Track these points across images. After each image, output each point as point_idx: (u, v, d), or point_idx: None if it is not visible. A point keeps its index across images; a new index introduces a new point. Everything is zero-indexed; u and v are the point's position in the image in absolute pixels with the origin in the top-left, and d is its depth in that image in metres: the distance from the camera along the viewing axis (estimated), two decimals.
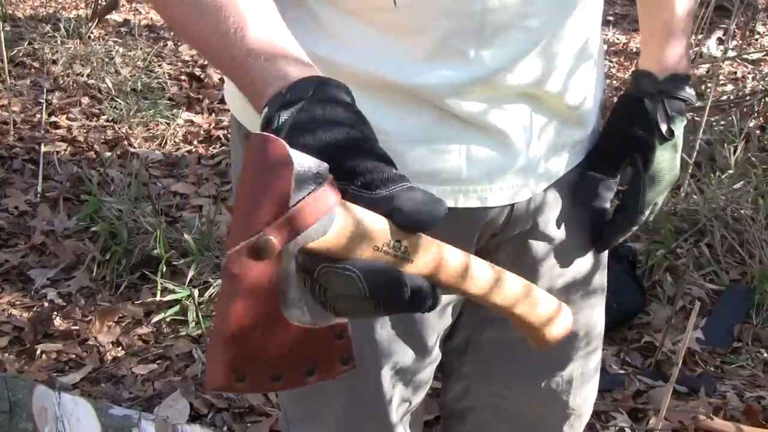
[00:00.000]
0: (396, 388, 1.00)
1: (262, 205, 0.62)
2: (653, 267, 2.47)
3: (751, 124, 3.19)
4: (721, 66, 3.74)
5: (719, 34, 4.20)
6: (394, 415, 1.01)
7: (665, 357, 2.19)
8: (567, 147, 0.98)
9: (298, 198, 0.62)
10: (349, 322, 0.67)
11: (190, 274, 2.38)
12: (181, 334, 2.25)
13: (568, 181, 1.00)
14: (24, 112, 3.33)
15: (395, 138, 0.86)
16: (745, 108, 3.35)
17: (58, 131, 3.23)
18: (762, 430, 1.93)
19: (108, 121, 3.32)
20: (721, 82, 3.75)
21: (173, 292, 2.34)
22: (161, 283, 2.36)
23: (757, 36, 4.29)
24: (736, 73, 3.89)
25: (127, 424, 1.68)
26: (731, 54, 3.94)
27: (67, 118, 3.32)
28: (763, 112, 3.35)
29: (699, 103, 3.40)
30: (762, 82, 3.64)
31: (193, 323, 2.27)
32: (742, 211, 2.60)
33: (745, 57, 3.94)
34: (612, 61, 3.99)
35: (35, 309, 2.33)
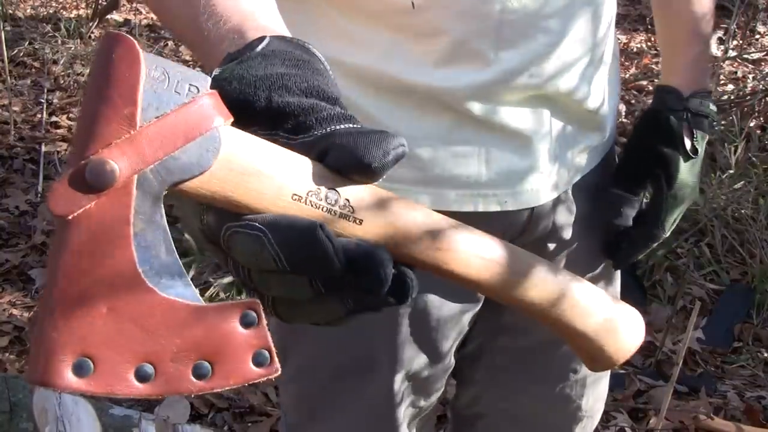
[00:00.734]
0: (407, 395, 1.00)
1: (100, 120, 0.46)
2: (654, 267, 2.47)
3: (751, 124, 3.19)
4: (721, 66, 3.74)
5: (720, 33, 4.20)
6: (404, 422, 1.01)
7: (666, 357, 2.19)
8: (585, 150, 0.97)
9: (154, 113, 0.47)
10: (260, 302, 0.48)
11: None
12: None
13: (585, 184, 0.99)
14: (25, 111, 3.33)
15: (413, 141, 0.84)
16: (746, 108, 3.35)
17: (58, 131, 3.23)
18: (762, 430, 1.93)
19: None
20: (721, 82, 3.75)
21: None
22: None
23: (757, 36, 4.29)
24: (736, 72, 3.89)
25: (128, 424, 1.68)
26: (732, 54, 3.94)
27: (68, 118, 3.32)
28: (763, 112, 3.35)
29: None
30: (762, 82, 3.64)
31: None
32: (743, 210, 2.60)
33: (745, 57, 3.94)
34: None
35: (36, 309, 2.33)
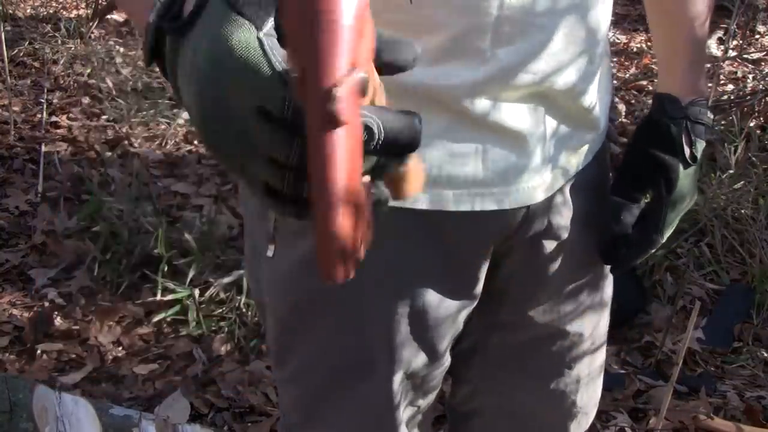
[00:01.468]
0: (406, 395, 1.00)
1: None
2: (653, 267, 2.47)
3: (751, 124, 3.20)
4: (721, 66, 3.74)
5: (720, 34, 4.20)
6: (402, 422, 1.01)
7: (665, 357, 2.19)
8: (580, 148, 0.97)
9: None
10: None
11: (191, 274, 2.38)
12: (181, 334, 2.25)
13: (581, 183, 0.99)
14: (24, 111, 3.33)
15: None
16: (746, 108, 3.35)
17: (58, 131, 3.23)
18: (762, 430, 1.93)
19: (108, 120, 3.32)
20: (721, 82, 3.75)
21: (174, 291, 2.34)
22: (162, 283, 2.36)
23: (757, 36, 4.29)
24: (736, 72, 3.89)
25: (128, 424, 1.68)
26: (732, 54, 3.94)
27: (68, 118, 3.32)
28: (763, 112, 3.35)
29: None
30: (762, 82, 3.64)
31: (194, 323, 2.27)
32: (743, 210, 2.60)
33: (745, 57, 3.94)
34: (612, 61, 3.99)
35: (36, 309, 2.33)
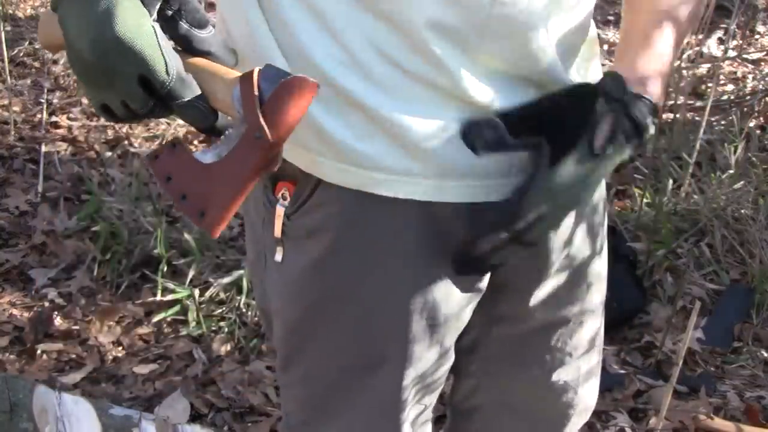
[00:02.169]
0: (414, 392, 1.00)
1: None
2: (653, 267, 2.47)
3: (751, 124, 3.19)
4: (721, 66, 3.74)
5: (719, 34, 4.19)
6: (407, 420, 1.01)
7: (665, 357, 2.19)
8: None
9: None
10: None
11: (191, 274, 2.38)
12: (181, 334, 2.25)
13: None
14: (25, 111, 3.33)
15: (417, 135, 0.85)
16: (746, 108, 3.35)
17: (58, 131, 3.23)
18: (762, 430, 1.93)
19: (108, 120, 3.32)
20: (721, 82, 3.75)
21: (174, 291, 2.34)
22: (162, 283, 2.36)
23: (757, 36, 4.28)
24: (736, 72, 3.89)
25: (128, 424, 1.68)
26: (731, 54, 3.94)
27: (68, 118, 3.32)
28: (763, 112, 3.35)
29: (700, 103, 3.41)
30: (762, 82, 3.64)
31: (194, 323, 2.27)
32: (743, 210, 2.60)
33: (745, 57, 3.94)
34: (612, 61, 3.98)
35: (36, 309, 2.33)
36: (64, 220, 2.68)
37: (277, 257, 0.93)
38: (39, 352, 2.17)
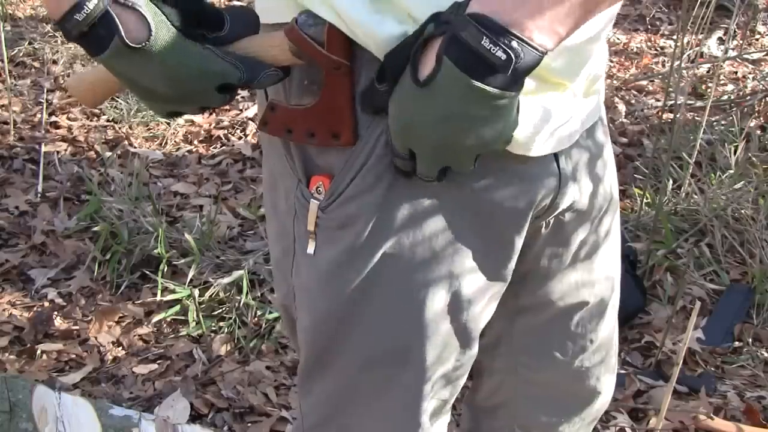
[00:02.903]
0: (435, 384, 1.01)
1: None
2: (654, 267, 2.47)
3: (751, 124, 3.20)
4: (721, 66, 3.74)
5: (720, 33, 4.20)
6: (426, 411, 1.02)
7: (665, 357, 2.19)
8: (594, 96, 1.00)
9: None
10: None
11: (191, 274, 2.38)
12: (181, 334, 2.25)
13: (586, 144, 1.01)
14: (24, 111, 3.33)
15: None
16: (746, 108, 3.35)
17: (58, 131, 3.23)
18: (762, 430, 1.93)
19: (108, 120, 3.32)
20: (721, 82, 3.75)
21: (174, 291, 2.34)
22: (162, 283, 2.36)
23: (757, 36, 4.29)
24: (736, 72, 3.89)
25: (128, 424, 1.68)
26: (732, 54, 3.94)
27: (68, 118, 3.32)
28: (763, 112, 3.35)
29: (700, 103, 3.41)
30: (762, 82, 3.64)
31: (194, 323, 2.27)
32: (743, 211, 2.60)
33: (745, 57, 3.94)
34: (612, 60, 3.99)
35: (35, 309, 2.33)
36: (64, 220, 2.68)
37: (309, 250, 0.94)
38: (39, 352, 2.17)
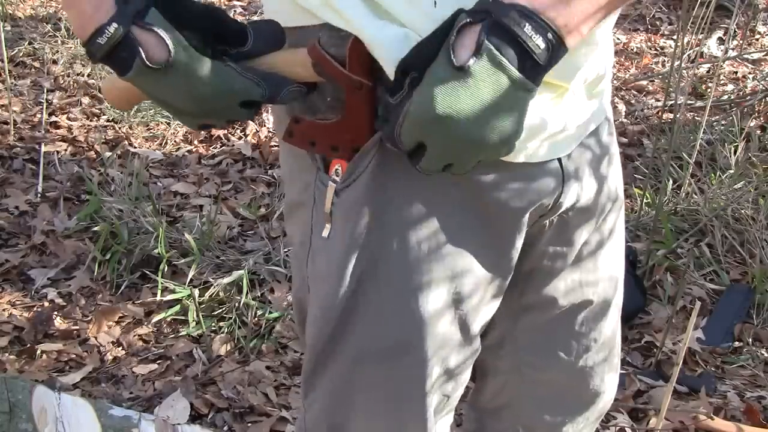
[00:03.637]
0: (438, 377, 1.01)
1: None
2: (654, 267, 2.47)
3: (751, 124, 3.20)
4: (721, 66, 3.74)
5: (720, 33, 4.19)
6: (432, 406, 1.02)
7: (666, 357, 2.19)
8: (596, 99, 1.00)
9: None
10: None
11: (191, 274, 2.38)
12: (181, 334, 2.25)
13: (590, 144, 1.01)
14: (24, 111, 3.33)
15: None
16: (746, 108, 3.35)
17: (58, 131, 3.23)
18: (763, 430, 1.93)
19: (108, 120, 3.32)
20: (721, 82, 3.75)
21: (174, 291, 2.34)
22: (162, 283, 2.36)
23: (757, 36, 4.29)
24: (736, 72, 3.89)
25: (127, 424, 1.68)
26: (732, 54, 3.94)
27: (68, 118, 3.32)
28: (763, 112, 3.35)
29: (700, 103, 3.41)
30: (762, 82, 3.64)
31: (194, 323, 2.27)
32: (743, 211, 2.60)
33: (745, 57, 3.94)
34: (612, 60, 3.99)
35: (35, 309, 2.33)
36: (64, 220, 2.68)
37: (324, 233, 0.95)
38: (39, 352, 2.17)
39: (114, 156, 3.05)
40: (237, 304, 2.29)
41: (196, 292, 2.32)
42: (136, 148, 3.15)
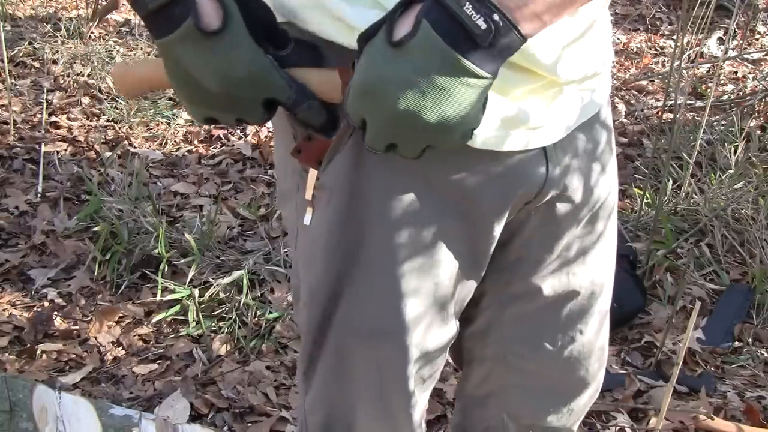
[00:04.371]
0: (419, 364, 1.02)
1: None
2: (654, 267, 2.47)
3: (751, 124, 3.20)
4: (721, 66, 3.74)
5: (720, 33, 4.20)
6: (413, 387, 1.04)
7: (666, 357, 2.19)
8: (589, 93, 1.00)
9: None
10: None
11: (191, 274, 2.38)
12: (181, 334, 2.25)
13: (579, 136, 1.02)
14: (24, 112, 3.33)
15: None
16: (746, 108, 3.35)
17: (58, 131, 3.23)
18: (763, 430, 1.93)
19: (108, 120, 3.32)
20: (721, 82, 3.75)
21: (174, 291, 2.34)
22: (162, 283, 2.36)
23: (757, 36, 4.29)
24: (736, 72, 3.89)
25: (128, 424, 1.68)
26: (732, 54, 3.94)
27: (68, 118, 3.32)
28: (763, 112, 3.35)
29: (700, 103, 3.41)
30: (762, 82, 3.64)
31: (194, 323, 2.27)
32: (743, 211, 2.60)
33: (745, 57, 3.94)
34: (612, 60, 3.99)
35: (35, 309, 2.33)
36: (64, 220, 2.68)
37: (306, 220, 0.96)
38: (39, 352, 2.17)
39: (114, 156, 3.05)
40: (237, 304, 2.29)
41: (196, 292, 2.32)
42: (136, 148, 3.15)
